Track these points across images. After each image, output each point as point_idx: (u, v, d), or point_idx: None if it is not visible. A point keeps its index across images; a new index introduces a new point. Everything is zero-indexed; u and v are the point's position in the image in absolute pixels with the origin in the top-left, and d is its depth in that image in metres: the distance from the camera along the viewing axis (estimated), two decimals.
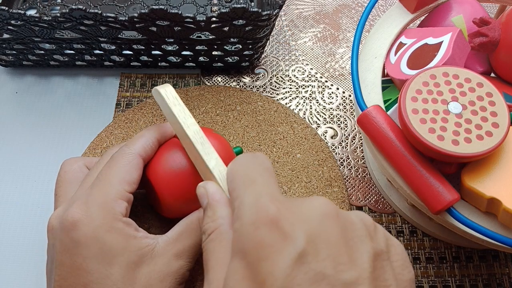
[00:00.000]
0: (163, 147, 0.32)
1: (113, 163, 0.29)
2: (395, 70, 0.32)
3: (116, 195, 0.28)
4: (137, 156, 0.30)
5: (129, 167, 0.29)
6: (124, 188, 0.28)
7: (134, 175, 0.29)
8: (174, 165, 0.30)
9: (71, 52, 0.42)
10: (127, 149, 0.30)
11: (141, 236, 0.28)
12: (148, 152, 0.31)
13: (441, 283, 0.35)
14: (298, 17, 0.50)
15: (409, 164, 0.27)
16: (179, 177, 0.30)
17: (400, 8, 0.36)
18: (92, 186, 0.28)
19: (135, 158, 0.30)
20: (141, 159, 0.30)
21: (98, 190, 0.28)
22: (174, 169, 0.30)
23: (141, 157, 0.30)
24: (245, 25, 0.37)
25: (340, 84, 0.45)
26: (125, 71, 0.45)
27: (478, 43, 0.32)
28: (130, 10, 0.47)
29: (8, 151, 0.41)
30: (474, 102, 0.27)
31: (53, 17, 0.36)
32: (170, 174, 0.30)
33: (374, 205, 0.38)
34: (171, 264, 0.28)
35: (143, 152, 0.30)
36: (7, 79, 0.45)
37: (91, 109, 0.43)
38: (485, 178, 0.27)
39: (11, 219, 0.37)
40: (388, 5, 0.51)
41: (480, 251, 0.37)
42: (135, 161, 0.30)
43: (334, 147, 0.41)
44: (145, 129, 0.32)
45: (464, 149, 0.26)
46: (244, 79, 0.45)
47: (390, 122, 0.29)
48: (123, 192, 0.28)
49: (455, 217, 0.27)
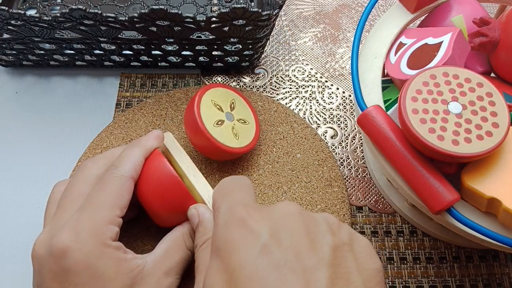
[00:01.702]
0: (147, 162, 0.32)
1: (105, 186, 0.29)
2: (395, 70, 0.32)
3: (107, 221, 0.27)
4: (129, 179, 0.29)
5: (121, 191, 0.29)
6: (115, 213, 0.28)
7: (125, 199, 0.29)
8: (161, 181, 0.30)
9: (71, 52, 0.42)
10: (117, 171, 0.29)
11: (131, 257, 0.28)
12: (138, 172, 0.30)
13: (441, 283, 0.35)
14: (298, 17, 0.50)
15: (409, 164, 0.27)
16: (166, 192, 0.30)
17: (400, 8, 0.36)
18: (82, 210, 0.28)
19: (127, 182, 0.29)
20: (132, 182, 0.30)
21: (88, 215, 0.27)
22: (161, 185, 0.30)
23: (133, 180, 0.30)
24: (245, 25, 0.37)
25: (340, 84, 0.45)
26: (125, 71, 0.45)
27: (478, 43, 0.32)
28: (130, 10, 0.47)
29: (8, 151, 0.41)
30: (474, 102, 0.27)
31: (53, 17, 0.36)
32: (157, 190, 0.30)
33: (374, 205, 0.38)
34: (161, 282, 0.28)
35: (135, 173, 0.30)
36: (7, 79, 0.45)
37: (91, 109, 0.43)
38: (485, 178, 0.27)
39: (11, 219, 0.37)
40: (388, 5, 0.51)
41: (480, 251, 0.37)
42: (127, 185, 0.29)
43: (334, 147, 0.41)
44: (132, 146, 0.31)
45: (464, 149, 0.26)
46: (244, 79, 0.45)
47: (390, 122, 0.29)
48: (114, 217, 0.28)
49: (455, 217, 0.27)
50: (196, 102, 0.35)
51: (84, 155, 0.39)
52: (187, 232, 0.31)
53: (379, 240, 0.37)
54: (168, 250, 0.29)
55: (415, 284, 0.35)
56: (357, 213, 0.38)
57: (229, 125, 0.36)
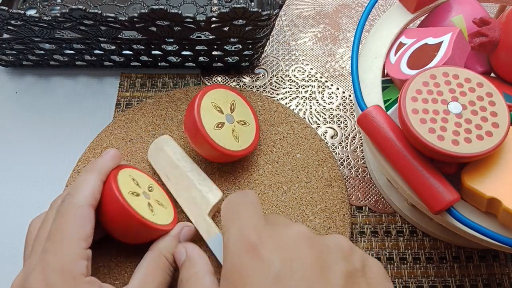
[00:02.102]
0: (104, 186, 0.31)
1: (63, 220, 0.27)
2: (395, 70, 0.32)
3: (74, 257, 0.26)
4: (88, 207, 0.28)
5: (81, 221, 0.27)
6: (81, 246, 0.27)
7: (87, 229, 0.27)
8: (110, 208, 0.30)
9: (71, 52, 0.42)
10: (74, 200, 0.28)
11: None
12: (97, 198, 0.29)
13: (441, 283, 0.35)
14: (298, 17, 0.50)
15: (409, 164, 0.27)
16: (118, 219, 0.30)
17: (400, 8, 0.36)
18: (46, 251, 0.26)
19: (85, 210, 0.28)
20: (92, 209, 0.28)
21: (52, 254, 0.26)
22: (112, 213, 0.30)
23: (91, 207, 0.28)
24: (245, 25, 0.37)
25: (340, 84, 0.45)
26: (125, 71, 0.45)
27: (478, 43, 0.32)
28: (130, 10, 0.47)
29: (8, 151, 0.41)
30: (474, 102, 0.27)
31: (53, 17, 0.36)
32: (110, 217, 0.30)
33: (374, 205, 0.38)
34: None
35: (93, 200, 0.29)
36: (7, 79, 0.45)
37: (91, 109, 0.43)
38: (485, 178, 0.27)
39: (11, 219, 0.37)
40: (388, 5, 0.51)
41: (480, 251, 0.37)
42: (86, 213, 0.28)
43: (334, 147, 0.41)
44: (87, 171, 0.30)
45: (464, 149, 0.26)
46: (244, 79, 0.45)
47: (390, 122, 0.28)
48: (81, 251, 0.27)
49: (455, 217, 0.27)
50: (196, 105, 0.35)
51: (84, 155, 0.39)
52: (164, 252, 0.30)
53: (379, 240, 0.37)
54: (144, 279, 0.28)
55: (415, 284, 0.35)
56: (357, 213, 0.38)
57: (229, 128, 0.36)
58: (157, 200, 0.34)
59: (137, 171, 0.35)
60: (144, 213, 0.30)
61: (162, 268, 0.30)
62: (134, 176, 0.33)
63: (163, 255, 0.30)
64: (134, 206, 0.30)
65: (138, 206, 0.30)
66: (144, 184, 0.34)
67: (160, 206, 0.33)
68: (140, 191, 0.32)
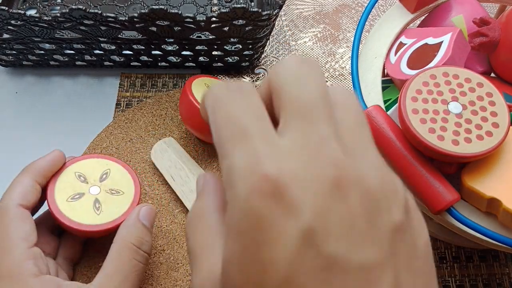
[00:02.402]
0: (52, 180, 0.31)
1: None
2: (395, 70, 0.32)
3: (18, 259, 0.26)
4: (18, 208, 0.27)
5: (16, 223, 0.27)
6: (23, 246, 0.26)
7: (25, 228, 0.27)
8: None
9: (71, 52, 0.42)
10: (3, 204, 0.28)
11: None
12: (30, 198, 0.29)
13: (441, 283, 0.35)
14: (298, 17, 0.50)
15: (409, 164, 0.27)
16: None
17: (400, 8, 0.36)
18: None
19: (17, 212, 0.27)
20: (22, 208, 0.28)
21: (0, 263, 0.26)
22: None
23: (22, 207, 0.28)
24: (245, 25, 0.37)
25: (340, 84, 0.45)
26: (125, 71, 0.45)
27: (478, 43, 0.32)
28: (130, 10, 0.47)
29: (8, 151, 0.41)
30: (474, 102, 0.27)
31: (53, 17, 0.36)
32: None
33: None
34: None
35: (23, 200, 0.28)
36: (7, 79, 0.45)
37: (91, 109, 0.43)
38: (485, 178, 0.27)
39: None
40: (388, 5, 0.51)
41: (480, 251, 0.37)
42: (19, 214, 0.27)
43: None
44: (20, 174, 0.30)
45: (464, 149, 0.26)
46: (244, 79, 0.45)
47: (390, 122, 0.28)
48: (24, 252, 0.26)
49: (455, 217, 0.27)
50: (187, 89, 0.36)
51: (83, 154, 0.39)
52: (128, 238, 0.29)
53: None
54: (108, 273, 0.28)
55: None
56: None
57: None
58: (111, 189, 0.33)
59: (86, 161, 0.33)
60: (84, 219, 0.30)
61: (127, 257, 0.28)
62: (82, 170, 0.33)
63: (127, 242, 0.29)
64: (72, 215, 0.30)
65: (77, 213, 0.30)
66: (96, 174, 0.33)
67: (113, 196, 0.32)
68: (85, 188, 0.32)
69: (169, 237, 0.35)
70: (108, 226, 0.31)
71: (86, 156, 0.34)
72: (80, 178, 0.32)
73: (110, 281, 0.27)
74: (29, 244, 0.27)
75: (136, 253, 0.29)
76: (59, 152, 0.32)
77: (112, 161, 0.34)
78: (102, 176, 0.33)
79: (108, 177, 0.33)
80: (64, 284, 0.27)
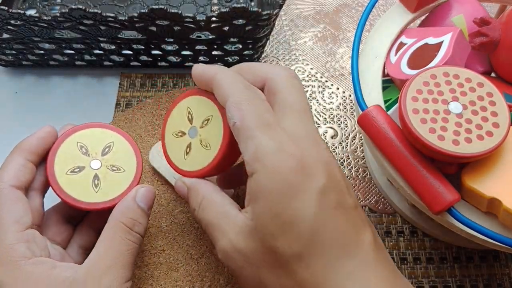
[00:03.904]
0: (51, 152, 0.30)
1: None
2: (396, 70, 0.32)
3: (8, 242, 0.25)
4: (9, 189, 0.27)
5: (7, 205, 0.26)
6: (15, 229, 0.26)
7: (18, 210, 0.26)
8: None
9: (71, 52, 0.42)
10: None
11: (57, 272, 0.26)
12: (22, 178, 0.28)
13: (442, 283, 0.35)
14: (298, 17, 0.50)
15: (410, 164, 0.27)
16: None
17: (400, 8, 0.36)
18: None
19: (9, 193, 0.27)
20: (16, 190, 0.27)
21: None
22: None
23: (15, 187, 0.27)
24: (245, 24, 0.37)
25: (340, 84, 0.45)
26: (125, 71, 0.45)
27: (478, 43, 0.32)
28: (130, 9, 0.47)
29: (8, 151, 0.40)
30: (474, 102, 0.27)
31: (53, 17, 0.36)
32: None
33: (375, 205, 0.38)
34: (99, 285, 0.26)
35: (16, 180, 0.27)
36: (7, 79, 0.44)
37: (91, 109, 0.43)
38: (485, 178, 0.27)
39: None
40: (388, 5, 0.51)
41: (481, 251, 0.37)
42: (10, 196, 0.27)
43: (334, 147, 0.41)
44: (10, 153, 0.29)
45: (465, 149, 0.26)
46: None
47: (390, 122, 0.28)
48: (15, 235, 0.26)
49: (455, 217, 0.27)
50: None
51: None
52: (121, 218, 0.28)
53: None
54: (99, 252, 0.27)
55: (415, 285, 0.35)
56: None
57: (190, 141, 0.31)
58: (112, 165, 0.31)
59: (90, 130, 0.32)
60: (81, 195, 0.29)
61: (120, 236, 0.28)
62: (84, 141, 0.31)
63: (119, 222, 0.28)
64: (69, 189, 0.29)
65: (74, 188, 0.29)
66: (98, 146, 0.31)
67: (113, 173, 0.31)
68: (86, 161, 0.31)
69: (169, 237, 0.35)
70: (105, 205, 0.30)
71: (91, 124, 0.32)
72: (82, 150, 0.31)
73: (101, 259, 0.27)
74: (22, 227, 0.26)
75: (128, 233, 0.28)
76: (50, 127, 0.30)
77: (117, 132, 0.32)
78: (104, 149, 0.31)
79: (110, 150, 0.31)
80: (58, 264, 0.26)
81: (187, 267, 0.34)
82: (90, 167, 0.30)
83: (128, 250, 0.27)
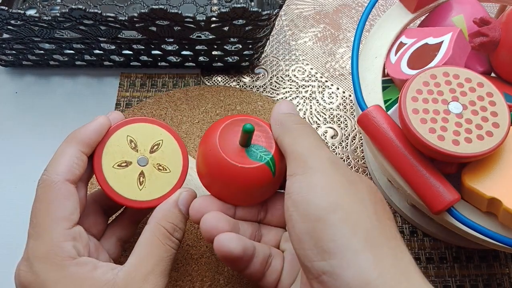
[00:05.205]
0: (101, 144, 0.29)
1: (38, 202, 0.25)
2: (396, 70, 0.32)
3: (57, 240, 0.24)
4: (63, 183, 0.26)
5: (59, 200, 0.25)
6: (64, 226, 0.25)
7: (68, 207, 0.25)
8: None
9: (71, 52, 0.42)
10: (48, 178, 0.26)
11: (100, 273, 0.25)
12: (76, 171, 0.26)
13: (442, 283, 0.35)
14: (298, 17, 0.50)
15: (410, 164, 0.27)
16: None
17: (400, 8, 0.36)
18: (29, 236, 0.25)
19: (62, 187, 0.25)
20: (70, 184, 0.26)
21: (34, 240, 0.25)
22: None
23: (69, 182, 0.26)
24: (245, 25, 0.37)
25: (340, 84, 0.45)
26: (125, 71, 0.45)
27: (478, 43, 0.32)
28: (130, 10, 0.47)
29: (8, 151, 0.41)
30: (474, 102, 0.27)
31: (53, 17, 0.36)
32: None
33: None
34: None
35: (70, 174, 0.26)
36: (7, 79, 0.44)
37: (91, 109, 0.43)
38: (485, 178, 0.27)
39: (10, 219, 0.37)
40: (388, 5, 0.51)
41: (481, 251, 0.37)
42: (63, 191, 0.25)
43: (334, 147, 0.41)
44: (64, 143, 0.27)
45: (465, 149, 0.26)
46: (244, 79, 0.45)
47: (390, 122, 0.28)
48: (64, 232, 0.25)
49: (455, 217, 0.27)
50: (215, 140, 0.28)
51: None
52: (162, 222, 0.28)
53: None
54: (140, 256, 0.26)
55: None
56: None
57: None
58: (159, 164, 0.30)
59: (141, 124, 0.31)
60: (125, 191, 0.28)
61: (160, 241, 0.27)
62: (134, 135, 0.30)
63: (160, 226, 0.27)
64: (114, 184, 0.28)
65: (119, 183, 0.28)
66: (148, 142, 0.30)
67: (159, 173, 0.30)
68: (134, 157, 0.29)
69: None
70: (147, 204, 0.29)
71: (142, 119, 0.31)
72: (131, 144, 0.30)
73: (142, 265, 0.26)
74: (70, 224, 0.25)
75: (168, 239, 0.27)
76: (105, 118, 0.29)
77: (167, 131, 0.31)
78: (153, 147, 0.30)
79: (159, 149, 0.30)
80: (99, 265, 0.26)
81: (187, 267, 0.34)
82: (138, 163, 0.30)
83: (168, 256, 0.27)
